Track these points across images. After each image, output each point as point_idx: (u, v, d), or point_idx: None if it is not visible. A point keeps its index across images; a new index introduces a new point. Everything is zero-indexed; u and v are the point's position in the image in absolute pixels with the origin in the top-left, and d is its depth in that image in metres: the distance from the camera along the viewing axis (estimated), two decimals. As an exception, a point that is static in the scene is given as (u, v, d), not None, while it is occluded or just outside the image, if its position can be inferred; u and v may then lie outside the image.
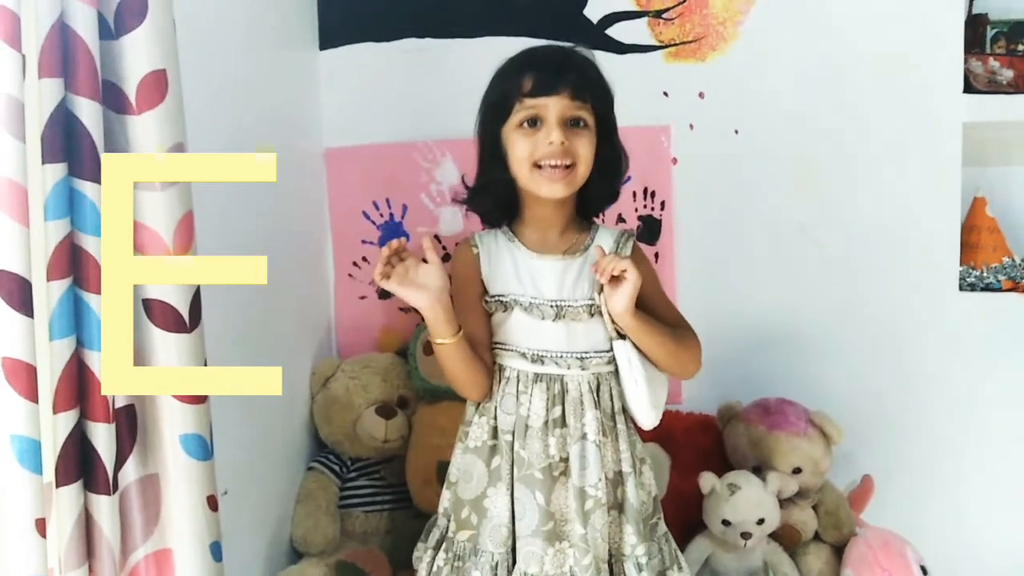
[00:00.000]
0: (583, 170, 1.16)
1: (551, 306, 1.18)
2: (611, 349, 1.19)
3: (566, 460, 1.17)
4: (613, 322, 1.16)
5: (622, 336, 1.17)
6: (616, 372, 1.20)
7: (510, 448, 1.19)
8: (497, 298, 1.21)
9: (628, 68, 1.73)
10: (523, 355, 1.20)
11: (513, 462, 1.19)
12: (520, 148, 1.15)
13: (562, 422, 1.18)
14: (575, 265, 1.20)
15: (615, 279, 1.12)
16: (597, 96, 1.16)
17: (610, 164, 1.20)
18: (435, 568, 1.23)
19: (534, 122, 1.14)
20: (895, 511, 1.69)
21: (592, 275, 1.17)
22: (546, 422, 1.17)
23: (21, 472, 0.87)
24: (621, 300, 1.12)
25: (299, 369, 1.71)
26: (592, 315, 1.18)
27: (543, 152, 1.13)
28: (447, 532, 1.24)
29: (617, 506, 1.19)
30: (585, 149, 1.15)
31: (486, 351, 1.23)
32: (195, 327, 1.03)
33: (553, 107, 1.13)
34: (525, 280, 1.20)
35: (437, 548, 1.25)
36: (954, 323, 1.71)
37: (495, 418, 1.21)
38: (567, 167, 1.15)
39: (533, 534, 1.17)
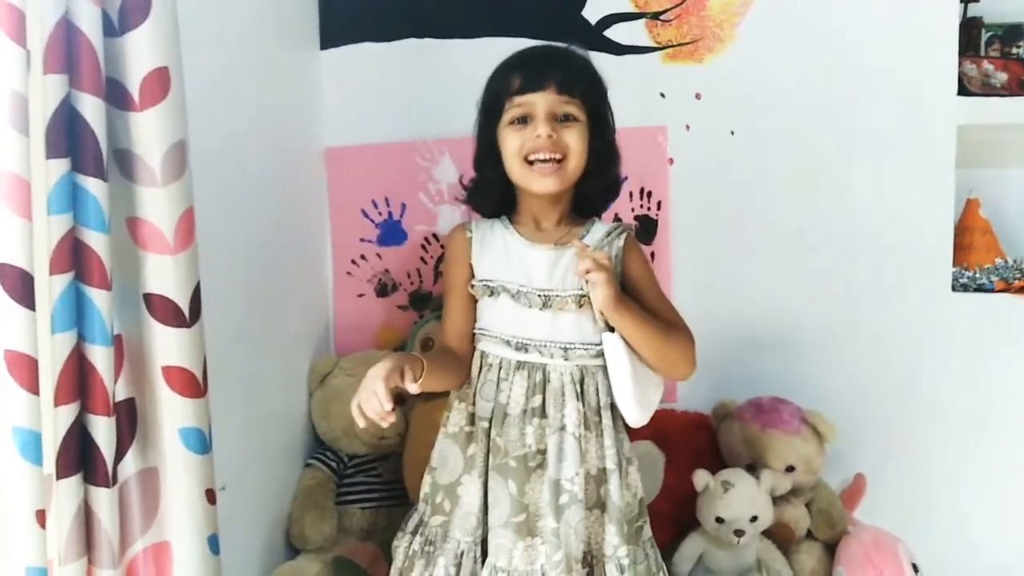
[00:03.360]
0: (574, 163, 1.17)
1: (539, 295, 1.18)
2: (600, 343, 1.18)
3: (543, 452, 1.17)
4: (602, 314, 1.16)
5: (612, 328, 1.16)
6: (605, 366, 1.18)
7: (486, 435, 1.19)
8: (484, 282, 1.22)
9: (626, 69, 1.74)
10: (507, 342, 1.20)
11: (489, 450, 1.19)
12: (511, 144, 1.17)
13: (542, 412, 1.17)
14: (567, 255, 1.19)
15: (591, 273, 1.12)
16: (586, 91, 1.18)
17: (601, 157, 1.20)
18: (411, 552, 1.24)
19: (524, 120, 1.17)
20: (887, 509, 1.70)
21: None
22: (525, 411, 1.17)
23: (22, 464, 0.88)
24: (595, 298, 1.13)
25: (297, 366, 1.72)
26: (581, 306, 1.17)
27: (532, 146, 1.15)
28: (423, 517, 1.26)
29: (600, 505, 1.18)
30: (575, 142, 1.16)
31: (463, 338, 1.25)
32: (195, 322, 1.04)
33: (540, 103, 1.15)
34: (516, 267, 1.21)
35: (415, 533, 1.26)
36: (947, 323, 1.72)
37: (473, 404, 1.22)
38: (557, 161, 1.16)
39: (504, 525, 1.16)
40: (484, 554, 1.19)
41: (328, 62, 1.84)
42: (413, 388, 1.07)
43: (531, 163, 1.17)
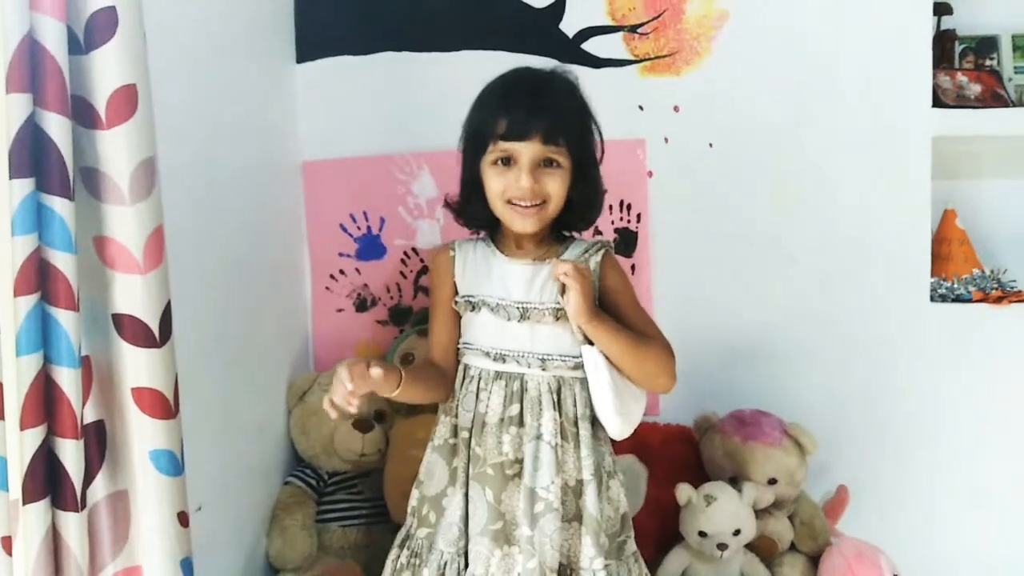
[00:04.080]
0: (553, 207, 1.20)
1: (517, 307, 1.20)
2: (579, 355, 1.20)
3: (520, 461, 1.18)
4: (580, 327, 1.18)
5: (591, 341, 1.18)
6: (583, 379, 1.20)
7: (467, 446, 1.21)
8: (466, 298, 1.25)
9: (604, 82, 1.74)
10: (487, 354, 1.22)
11: (469, 460, 1.20)
12: (494, 185, 1.19)
13: (519, 421, 1.19)
14: (544, 271, 1.22)
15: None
16: (571, 136, 1.18)
17: (584, 198, 1.22)
18: (399, 565, 1.24)
19: (507, 161, 1.18)
20: (869, 521, 1.70)
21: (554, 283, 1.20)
22: (502, 419, 1.19)
23: (-14, 490, 0.86)
24: (569, 305, 1.14)
25: (276, 383, 1.70)
26: (558, 319, 1.19)
27: (513, 193, 1.17)
28: (411, 529, 1.26)
29: (578, 517, 1.19)
30: (556, 189, 1.18)
31: (447, 354, 1.27)
32: (165, 342, 1.02)
33: (525, 152, 1.16)
34: (496, 282, 1.23)
35: (402, 546, 1.26)
36: (926, 334, 1.73)
37: (456, 416, 1.24)
38: (537, 208, 1.18)
39: (482, 533, 1.18)
40: (466, 564, 1.20)
41: (304, 75, 1.83)
42: (376, 372, 1.08)
43: (512, 204, 1.19)
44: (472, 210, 1.26)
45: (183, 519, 1.06)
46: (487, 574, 1.17)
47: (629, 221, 1.78)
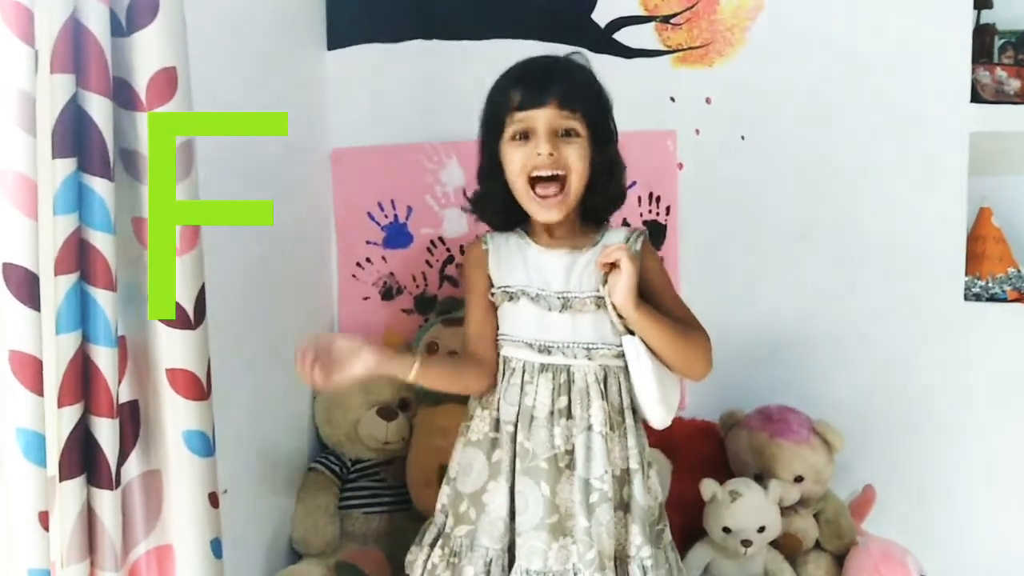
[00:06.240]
0: (575, 183, 1.18)
1: (558, 297, 1.20)
2: (620, 344, 1.19)
3: (571, 453, 1.17)
4: (620, 317, 1.17)
5: (631, 331, 1.18)
6: (626, 368, 1.20)
7: (512, 440, 1.19)
8: (503, 288, 1.23)
9: (635, 73, 1.73)
10: (530, 345, 1.20)
11: (515, 455, 1.18)
12: (514, 161, 1.18)
13: (568, 413, 1.18)
14: (583, 259, 1.21)
15: (614, 269, 1.15)
16: (588, 105, 1.17)
17: (602, 171, 1.20)
18: (430, 565, 1.22)
19: (526, 135, 1.17)
20: (896, 521, 1.68)
21: (599, 268, 1.20)
22: (552, 412, 1.18)
23: (26, 465, 0.87)
24: (617, 290, 1.14)
25: (301, 369, 1.71)
26: (599, 307, 1.19)
27: (533, 163, 1.16)
28: (444, 528, 1.24)
29: (623, 505, 1.19)
30: (576, 159, 1.17)
31: (484, 343, 1.25)
32: (199, 324, 1.03)
33: (541, 119, 1.15)
34: (533, 273, 1.22)
35: (433, 546, 1.24)
36: (958, 333, 1.70)
37: (498, 410, 1.22)
38: (559, 186, 1.17)
39: (537, 527, 1.16)
40: (510, 560, 1.18)
41: (335, 63, 1.83)
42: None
43: (533, 184, 1.17)
44: (490, 198, 1.25)
45: (213, 500, 1.08)
46: (545, 567, 1.15)
47: (658, 213, 1.77)
